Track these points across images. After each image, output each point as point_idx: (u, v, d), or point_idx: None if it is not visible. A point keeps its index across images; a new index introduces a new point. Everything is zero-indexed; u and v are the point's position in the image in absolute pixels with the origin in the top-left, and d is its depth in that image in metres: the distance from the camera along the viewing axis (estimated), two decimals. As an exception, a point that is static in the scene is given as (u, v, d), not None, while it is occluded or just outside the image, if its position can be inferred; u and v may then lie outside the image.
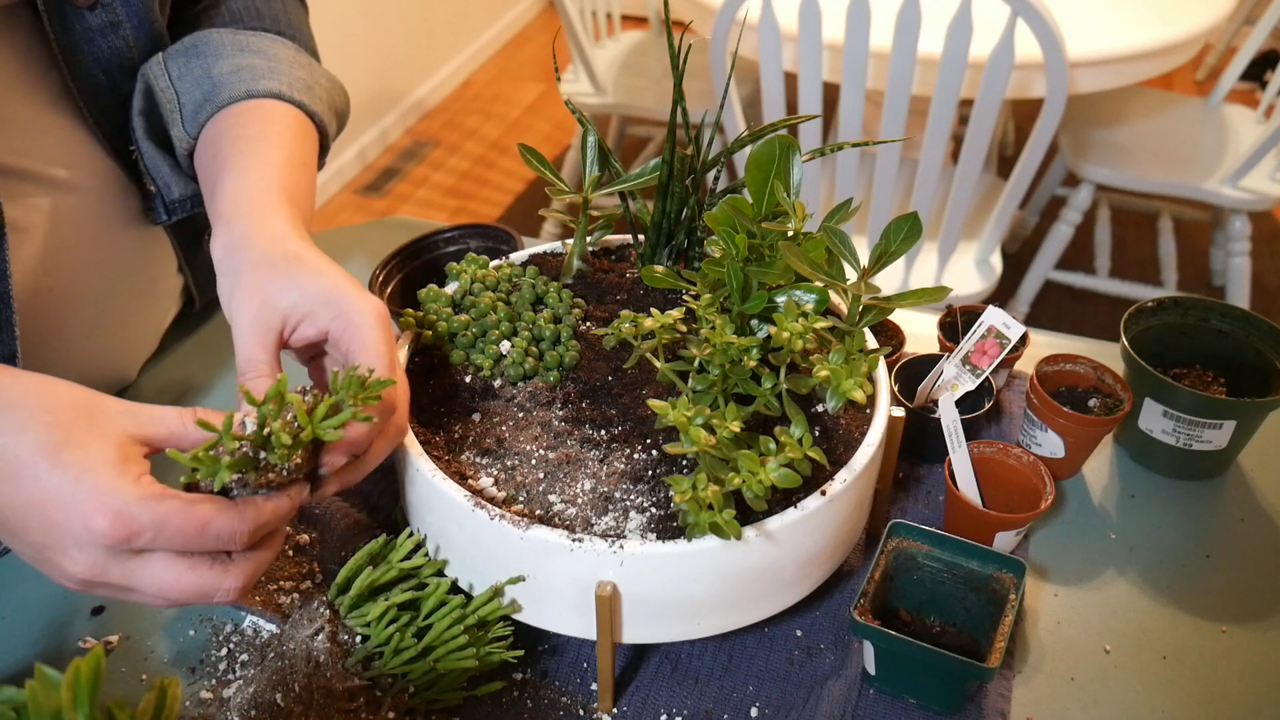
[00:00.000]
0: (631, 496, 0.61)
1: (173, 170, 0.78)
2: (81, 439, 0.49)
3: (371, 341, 0.59)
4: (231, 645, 0.66)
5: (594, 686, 0.66)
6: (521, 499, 0.62)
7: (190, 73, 0.75)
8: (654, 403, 0.58)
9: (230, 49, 0.76)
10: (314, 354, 0.65)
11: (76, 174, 0.76)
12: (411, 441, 0.62)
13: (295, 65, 0.78)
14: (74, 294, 0.77)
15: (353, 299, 0.60)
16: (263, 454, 0.51)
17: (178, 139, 0.75)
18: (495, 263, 0.77)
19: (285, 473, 0.51)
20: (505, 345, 0.70)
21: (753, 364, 0.60)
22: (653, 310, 0.64)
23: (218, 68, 0.75)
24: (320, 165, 0.81)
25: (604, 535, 0.58)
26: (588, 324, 0.74)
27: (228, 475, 0.49)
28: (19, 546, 0.52)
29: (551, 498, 0.62)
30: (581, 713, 0.64)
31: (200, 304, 0.95)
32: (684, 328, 0.64)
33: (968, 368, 0.79)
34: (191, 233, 0.88)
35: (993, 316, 0.79)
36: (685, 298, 0.65)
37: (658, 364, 0.63)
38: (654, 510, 0.61)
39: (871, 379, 0.66)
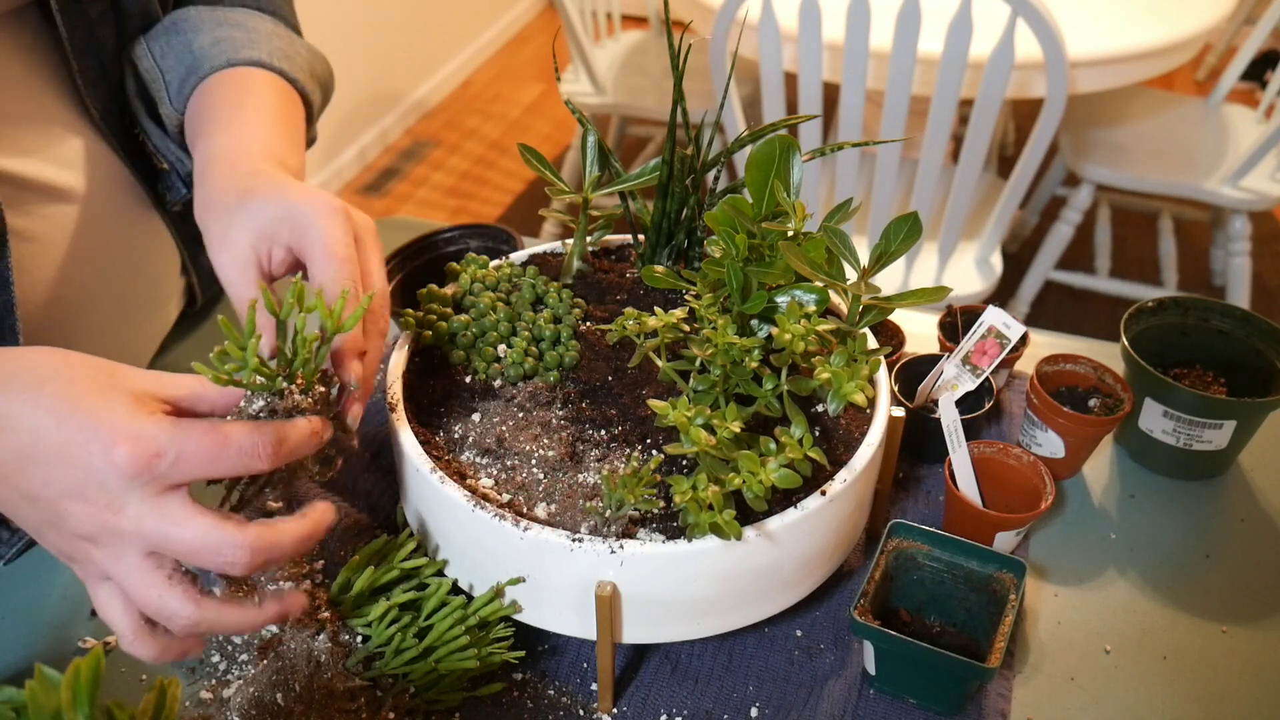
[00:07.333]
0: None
1: (180, 146, 0.79)
2: (103, 391, 0.50)
3: (323, 242, 0.57)
4: (232, 645, 0.66)
5: (594, 686, 0.66)
6: (521, 499, 0.62)
7: (172, 49, 0.77)
8: (654, 403, 0.58)
9: (209, 24, 0.78)
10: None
11: (83, 176, 0.76)
12: (411, 441, 0.62)
13: (274, 36, 0.80)
14: (84, 301, 0.77)
15: (298, 202, 0.58)
16: (284, 384, 0.52)
17: (166, 115, 0.77)
18: (495, 263, 0.77)
19: (308, 397, 0.53)
20: (502, 348, 0.70)
21: (754, 365, 0.60)
22: (656, 309, 0.64)
23: (198, 42, 0.77)
24: (310, 134, 0.82)
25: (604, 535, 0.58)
26: (587, 324, 0.74)
27: (254, 377, 0.51)
28: (26, 512, 0.51)
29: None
30: (581, 713, 0.64)
31: (202, 302, 0.95)
32: (686, 327, 0.64)
33: (968, 368, 0.79)
34: (196, 232, 0.88)
35: (993, 316, 0.79)
36: (687, 297, 0.65)
37: (660, 363, 0.63)
38: (654, 510, 0.61)
39: (871, 379, 0.66)
